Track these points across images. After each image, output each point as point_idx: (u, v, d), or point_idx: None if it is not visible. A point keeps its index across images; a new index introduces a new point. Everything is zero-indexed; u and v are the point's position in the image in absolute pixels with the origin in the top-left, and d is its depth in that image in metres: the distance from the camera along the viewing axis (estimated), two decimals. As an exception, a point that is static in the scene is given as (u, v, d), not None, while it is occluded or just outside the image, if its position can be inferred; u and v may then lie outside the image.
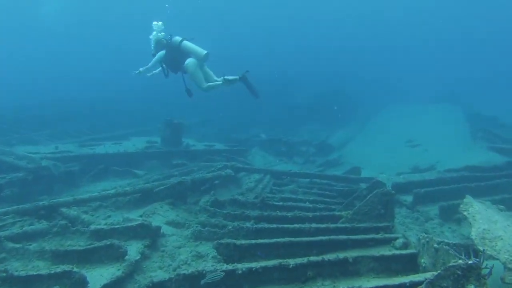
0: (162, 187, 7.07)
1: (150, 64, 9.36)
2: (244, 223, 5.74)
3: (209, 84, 9.20)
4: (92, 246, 4.88)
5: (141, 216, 6.35)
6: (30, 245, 5.23)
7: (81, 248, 4.91)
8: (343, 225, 5.43)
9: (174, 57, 9.35)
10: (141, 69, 9.33)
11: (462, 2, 48.86)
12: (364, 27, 56.08)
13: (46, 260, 4.92)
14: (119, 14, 53.16)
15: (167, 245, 5.46)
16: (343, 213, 6.08)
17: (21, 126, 15.76)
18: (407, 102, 25.30)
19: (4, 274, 4.13)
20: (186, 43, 9.30)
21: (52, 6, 48.24)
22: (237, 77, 8.96)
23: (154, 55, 9.43)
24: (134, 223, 5.44)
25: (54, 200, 6.59)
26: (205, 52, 9.13)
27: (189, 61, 9.23)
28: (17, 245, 5.11)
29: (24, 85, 32.01)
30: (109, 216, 6.63)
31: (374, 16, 56.20)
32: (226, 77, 9.05)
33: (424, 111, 20.53)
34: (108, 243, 4.80)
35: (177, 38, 9.38)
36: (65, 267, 4.30)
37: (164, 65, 9.55)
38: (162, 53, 9.33)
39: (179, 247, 5.42)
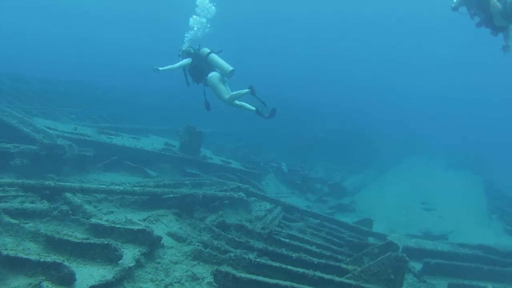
0: (171, 195, 6.85)
1: (174, 66, 9.27)
2: (247, 253, 5.47)
3: (232, 94, 9.01)
4: (87, 241, 4.63)
5: (144, 220, 6.13)
6: (27, 223, 5.03)
7: (77, 240, 4.65)
8: (349, 282, 5.11)
9: (199, 68, 9.28)
10: (160, 68, 9.12)
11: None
12: (391, 71, 56.24)
13: (39, 243, 4.69)
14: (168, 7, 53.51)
15: (164, 258, 5.21)
16: (349, 267, 5.77)
17: (46, 96, 16.03)
18: (429, 154, 25.08)
19: (-9, 251, 3.93)
20: (214, 56, 9.22)
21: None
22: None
23: (181, 58, 9.45)
24: (135, 227, 5.20)
25: (60, 183, 6.40)
26: (231, 68, 9.03)
27: (213, 74, 9.13)
28: (13, 221, 4.91)
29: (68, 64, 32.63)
30: (112, 212, 6.43)
31: (404, 61, 56.24)
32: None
33: (444, 176, 20.15)
34: (106, 242, 4.56)
35: (205, 50, 9.32)
36: (56, 259, 4.08)
37: (187, 73, 9.50)
38: (188, 60, 9.30)
39: (176, 263, 5.17)
